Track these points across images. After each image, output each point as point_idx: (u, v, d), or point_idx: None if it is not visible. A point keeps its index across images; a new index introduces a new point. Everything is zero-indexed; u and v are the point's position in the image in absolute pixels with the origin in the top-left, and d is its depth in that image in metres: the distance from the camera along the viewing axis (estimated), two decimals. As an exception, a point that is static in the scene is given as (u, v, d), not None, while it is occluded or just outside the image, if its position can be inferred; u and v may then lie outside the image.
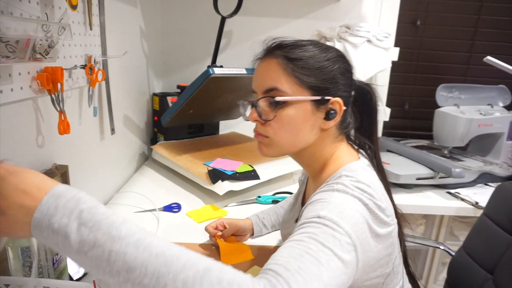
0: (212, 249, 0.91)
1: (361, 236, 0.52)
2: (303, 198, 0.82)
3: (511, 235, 0.89)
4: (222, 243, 0.93)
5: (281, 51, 0.65)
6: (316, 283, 0.43)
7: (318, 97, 0.63)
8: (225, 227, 0.94)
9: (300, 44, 0.66)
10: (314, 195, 0.60)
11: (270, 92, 0.64)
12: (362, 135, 0.73)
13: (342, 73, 0.65)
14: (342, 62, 0.66)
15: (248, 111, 0.71)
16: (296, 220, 0.79)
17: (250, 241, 0.97)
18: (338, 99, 0.64)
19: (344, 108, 0.65)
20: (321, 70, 0.63)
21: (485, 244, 0.95)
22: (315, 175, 0.71)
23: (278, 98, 0.62)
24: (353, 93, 0.69)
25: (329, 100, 0.64)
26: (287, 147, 0.67)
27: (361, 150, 0.72)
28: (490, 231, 0.94)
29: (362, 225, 0.54)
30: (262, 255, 0.90)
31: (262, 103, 0.65)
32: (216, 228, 0.94)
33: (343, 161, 0.67)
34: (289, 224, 0.83)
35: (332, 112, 0.64)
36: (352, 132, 0.73)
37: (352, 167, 0.64)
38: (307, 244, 0.47)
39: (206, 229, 0.95)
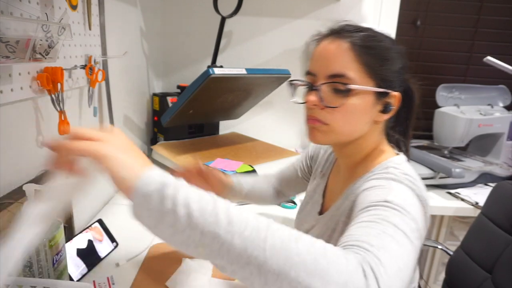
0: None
1: (422, 226, 0.53)
2: (323, 191, 0.81)
3: (509, 234, 0.89)
4: None
5: (355, 36, 0.61)
6: (399, 260, 0.43)
7: (383, 90, 0.62)
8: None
9: (373, 32, 0.63)
10: (363, 183, 0.61)
11: (336, 78, 0.61)
12: (396, 132, 0.73)
13: (403, 68, 0.65)
14: (405, 58, 0.66)
15: (298, 92, 0.68)
16: (320, 213, 0.77)
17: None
18: (397, 93, 0.64)
19: (399, 104, 0.65)
20: (391, 63, 0.62)
21: (483, 243, 0.95)
22: (351, 166, 0.71)
23: (351, 86, 0.60)
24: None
25: (389, 93, 0.63)
26: (343, 137, 0.66)
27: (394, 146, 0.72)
28: (488, 230, 0.94)
29: (421, 216, 0.54)
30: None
31: (327, 88, 0.63)
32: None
33: (387, 154, 0.68)
34: (309, 217, 0.80)
35: (389, 105, 0.64)
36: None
37: (397, 160, 0.65)
38: (382, 225, 0.47)
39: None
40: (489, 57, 1.36)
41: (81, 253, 0.82)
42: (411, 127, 0.73)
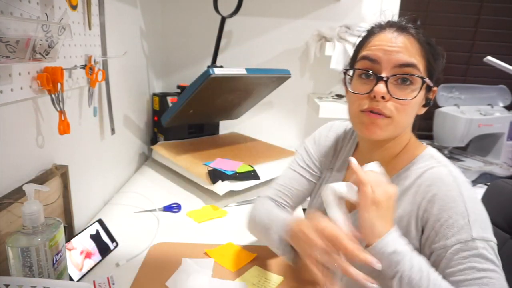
0: (217, 256, 0.91)
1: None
2: None
3: (505, 232, 0.89)
4: (226, 249, 0.93)
5: (418, 31, 0.64)
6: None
7: (434, 86, 0.66)
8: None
9: (423, 31, 0.65)
10: (412, 176, 0.65)
11: (406, 68, 0.61)
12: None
13: (441, 73, 0.68)
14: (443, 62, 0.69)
15: (357, 81, 0.66)
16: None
17: (250, 241, 0.97)
18: (436, 88, 0.67)
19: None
20: (440, 61, 0.66)
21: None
22: (388, 159, 0.71)
23: (426, 80, 0.62)
24: None
25: (432, 88, 0.66)
26: (400, 129, 0.66)
27: None
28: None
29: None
30: (262, 255, 0.90)
31: (395, 79, 0.62)
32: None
33: (420, 145, 0.71)
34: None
35: (429, 100, 0.67)
36: None
37: (435, 151, 0.69)
38: (482, 272, 0.57)
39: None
40: (489, 57, 1.36)
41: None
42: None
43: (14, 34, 0.62)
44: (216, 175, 1.19)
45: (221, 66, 1.41)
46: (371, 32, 0.67)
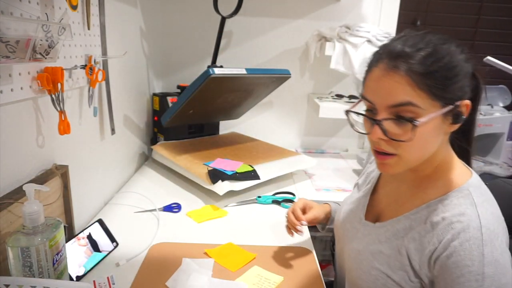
0: (217, 256, 0.91)
1: None
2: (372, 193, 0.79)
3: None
4: (226, 249, 0.93)
5: (407, 64, 0.56)
6: None
7: (451, 107, 0.58)
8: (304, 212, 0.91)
9: (433, 49, 0.57)
10: (443, 229, 0.60)
11: (401, 107, 0.57)
12: (458, 134, 0.67)
13: (469, 75, 0.60)
14: (468, 60, 0.60)
15: (359, 120, 0.64)
16: (366, 215, 0.76)
17: (250, 241, 0.97)
18: (467, 102, 0.59)
19: (469, 111, 0.60)
20: (454, 80, 0.57)
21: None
22: (419, 178, 0.68)
23: (418, 123, 0.56)
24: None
25: (459, 105, 0.59)
26: (414, 162, 0.63)
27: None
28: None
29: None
30: (263, 255, 0.90)
31: (390, 122, 0.58)
32: (298, 219, 0.88)
33: (459, 171, 0.65)
34: (354, 218, 0.78)
35: (460, 115, 0.59)
36: None
37: (476, 183, 0.63)
38: None
39: (288, 218, 0.91)
40: (489, 57, 1.36)
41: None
42: (473, 128, 0.68)
43: (14, 34, 0.62)
44: (216, 175, 1.19)
45: (221, 66, 1.41)
46: (370, 64, 0.63)
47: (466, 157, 0.71)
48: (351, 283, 0.74)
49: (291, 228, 0.90)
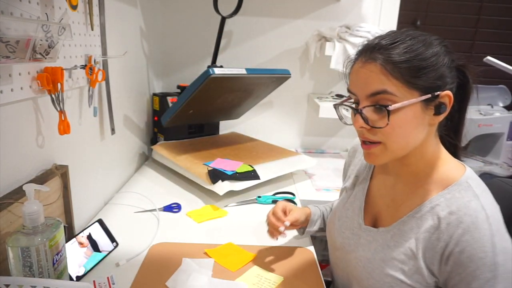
0: (217, 256, 0.91)
1: None
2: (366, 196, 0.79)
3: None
4: (226, 249, 0.93)
5: (382, 55, 0.60)
6: None
7: (428, 96, 0.60)
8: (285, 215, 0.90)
9: (401, 43, 0.60)
10: (452, 225, 0.61)
11: (378, 95, 0.60)
12: (447, 129, 0.69)
13: (449, 65, 0.62)
14: (447, 53, 0.62)
15: (349, 114, 0.67)
16: (365, 219, 0.76)
17: (250, 241, 0.97)
18: (448, 92, 0.61)
19: (452, 101, 0.62)
20: (428, 69, 0.59)
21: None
22: (413, 175, 0.69)
23: (391, 107, 0.59)
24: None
25: (438, 95, 0.61)
26: (399, 151, 0.64)
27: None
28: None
29: None
30: (262, 255, 0.90)
31: (369, 109, 0.62)
32: (279, 220, 0.87)
33: (453, 165, 0.67)
34: (353, 224, 0.78)
35: (442, 106, 0.62)
36: None
37: (472, 175, 0.65)
38: None
39: (268, 221, 0.89)
40: (489, 57, 1.36)
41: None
42: (462, 125, 0.70)
43: (14, 34, 0.62)
44: (216, 175, 1.19)
45: (221, 66, 1.41)
46: (352, 61, 0.67)
47: (456, 154, 0.71)
48: None
49: (273, 231, 0.88)
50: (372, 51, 0.62)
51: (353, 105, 0.66)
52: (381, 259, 0.68)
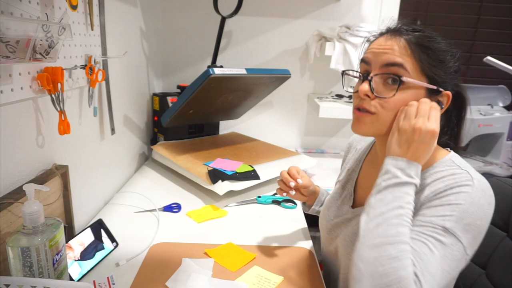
0: (217, 256, 0.91)
1: (474, 248, 0.60)
2: (355, 183, 0.83)
3: (501, 230, 0.90)
4: (226, 249, 0.93)
5: (411, 36, 0.64)
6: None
7: (435, 87, 0.64)
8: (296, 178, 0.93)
9: (430, 33, 0.66)
10: (434, 183, 0.63)
11: (392, 67, 0.63)
12: (447, 134, 0.73)
13: (456, 71, 0.67)
14: (459, 61, 0.67)
15: (354, 81, 0.70)
16: (353, 206, 0.80)
17: (250, 241, 0.97)
18: (448, 92, 0.66)
19: (450, 103, 0.66)
20: (445, 64, 0.65)
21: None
22: None
23: (404, 79, 0.62)
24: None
25: (440, 92, 0.65)
26: (387, 127, 0.67)
27: None
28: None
29: (481, 237, 0.60)
30: (262, 255, 0.90)
31: (379, 79, 0.65)
32: (293, 177, 0.91)
33: (440, 150, 0.69)
34: (342, 210, 0.82)
35: (440, 104, 0.65)
36: None
37: (457, 156, 0.67)
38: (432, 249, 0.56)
39: (282, 176, 0.93)
40: (489, 57, 1.36)
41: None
42: (462, 132, 0.73)
43: (14, 34, 0.62)
44: (216, 175, 1.19)
45: (221, 66, 1.41)
46: (371, 39, 0.71)
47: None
48: (346, 268, 0.76)
49: (284, 187, 0.92)
50: (397, 31, 0.66)
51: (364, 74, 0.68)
52: None
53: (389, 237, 0.55)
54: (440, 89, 0.65)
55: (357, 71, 0.71)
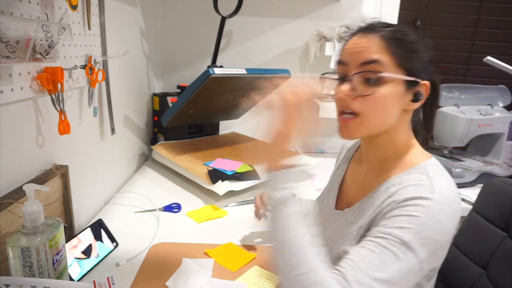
0: (217, 256, 0.91)
1: (433, 262, 0.60)
2: (341, 182, 0.83)
3: (502, 230, 0.89)
4: (226, 249, 0.93)
5: (383, 31, 0.65)
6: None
7: (413, 78, 0.64)
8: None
9: (401, 27, 0.67)
10: (399, 191, 0.63)
11: (369, 65, 0.63)
12: (419, 124, 0.74)
13: (431, 60, 0.67)
14: (431, 51, 0.68)
15: (333, 84, 0.71)
16: (336, 205, 0.79)
17: (250, 241, 0.97)
18: (427, 82, 0.66)
19: (429, 92, 0.67)
20: (419, 55, 0.65)
21: (477, 240, 0.95)
22: (383, 160, 0.71)
23: (382, 74, 0.62)
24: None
25: (418, 82, 0.65)
26: (375, 127, 0.67)
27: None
28: (481, 226, 0.94)
29: (442, 251, 0.60)
30: (262, 255, 0.90)
31: (359, 78, 0.65)
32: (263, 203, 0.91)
33: (420, 156, 0.69)
34: (325, 210, 0.82)
35: (419, 94, 0.66)
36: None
37: (433, 163, 0.67)
38: (383, 257, 0.56)
39: (255, 203, 0.94)
40: (489, 57, 1.36)
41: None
42: (434, 119, 0.74)
43: (14, 34, 0.62)
44: (216, 175, 1.19)
45: (221, 66, 1.41)
46: (346, 39, 0.71)
47: (426, 146, 0.75)
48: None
49: (257, 212, 0.93)
50: (369, 28, 0.67)
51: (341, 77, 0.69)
52: (339, 236, 0.71)
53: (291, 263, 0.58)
54: (418, 79, 0.65)
55: (334, 74, 0.71)
